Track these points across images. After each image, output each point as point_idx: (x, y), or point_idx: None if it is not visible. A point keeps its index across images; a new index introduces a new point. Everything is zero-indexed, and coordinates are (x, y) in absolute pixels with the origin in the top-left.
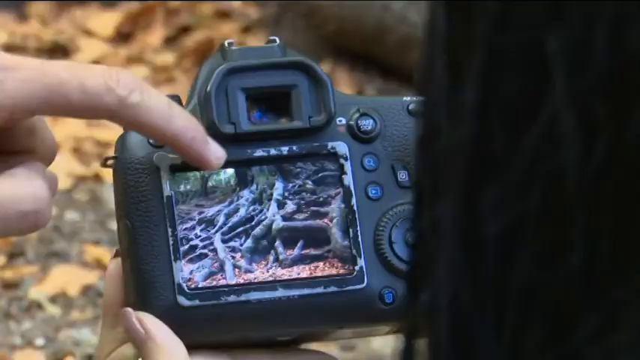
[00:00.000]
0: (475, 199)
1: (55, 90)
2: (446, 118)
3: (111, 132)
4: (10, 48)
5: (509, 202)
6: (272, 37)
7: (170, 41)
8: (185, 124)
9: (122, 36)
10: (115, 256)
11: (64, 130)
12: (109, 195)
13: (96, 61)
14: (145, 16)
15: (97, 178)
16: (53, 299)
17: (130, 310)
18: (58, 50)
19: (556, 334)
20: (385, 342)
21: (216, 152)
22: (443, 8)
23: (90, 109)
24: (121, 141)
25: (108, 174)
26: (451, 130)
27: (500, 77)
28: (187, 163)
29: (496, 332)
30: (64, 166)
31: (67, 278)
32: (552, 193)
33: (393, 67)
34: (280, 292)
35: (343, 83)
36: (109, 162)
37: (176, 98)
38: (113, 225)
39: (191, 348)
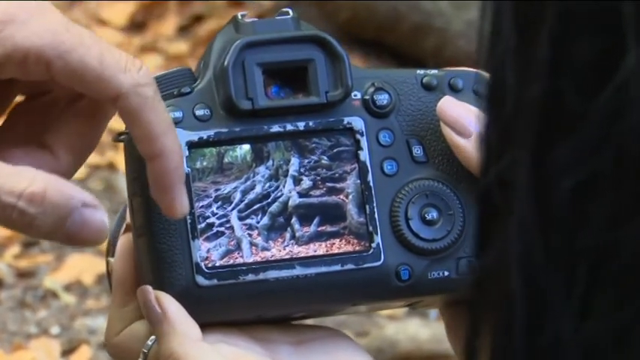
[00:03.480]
0: (548, 155)
1: (73, 48)
2: (513, 74)
3: None
4: None
5: (582, 159)
6: (285, 9)
7: (184, 30)
8: (178, 149)
9: (136, 25)
10: (126, 231)
11: None
12: (123, 184)
13: None
14: (159, 6)
15: (112, 167)
16: (68, 288)
17: (148, 288)
18: None
19: (624, 295)
20: (399, 328)
21: (183, 202)
22: None
23: (101, 81)
24: None
25: (122, 162)
26: (520, 87)
27: (574, 38)
28: (204, 140)
29: (566, 290)
30: None
31: (82, 267)
32: (625, 152)
33: (406, 54)
34: (298, 271)
35: None
36: (122, 137)
37: (187, 70)
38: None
39: (204, 326)
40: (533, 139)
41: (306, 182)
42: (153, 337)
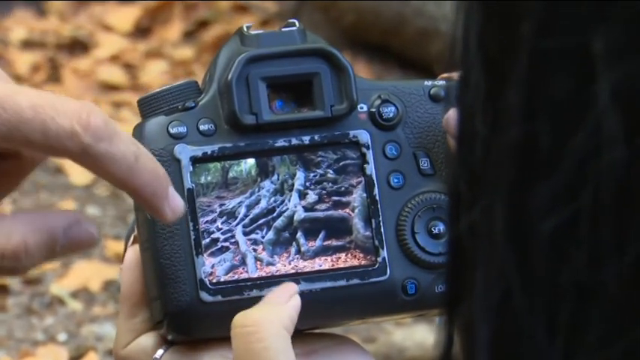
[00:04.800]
0: (525, 199)
1: (14, 128)
2: (484, 120)
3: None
4: (29, 44)
5: (561, 201)
6: (291, 20)
7: (189, 36)
8: (148, 179)
9: (141, 31)
10: (134, 242)
11: None
12: None
13: (115, 56)
14: (164, 11)
15: None
16: (75, 295)
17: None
18: (77, 46)
19: (610, 333)
20: (406, 334)
21: (174, 206)
22: (479, 9)
23: (51, 151)
24: (139, 131)
25: None
26: (492, 133)
27: (547, 80)
28: (209, 155)
29: (549, 333)
30: None
31: (89, 274)
32: (603, 192)
33: (411, 59)
34: (303, 286)
35: (362, 75)
36: None
37: (193, 83)
38: None
39: (211, 340)
40: (508, 183)
41: (312, 196)
42: (161, 350)
